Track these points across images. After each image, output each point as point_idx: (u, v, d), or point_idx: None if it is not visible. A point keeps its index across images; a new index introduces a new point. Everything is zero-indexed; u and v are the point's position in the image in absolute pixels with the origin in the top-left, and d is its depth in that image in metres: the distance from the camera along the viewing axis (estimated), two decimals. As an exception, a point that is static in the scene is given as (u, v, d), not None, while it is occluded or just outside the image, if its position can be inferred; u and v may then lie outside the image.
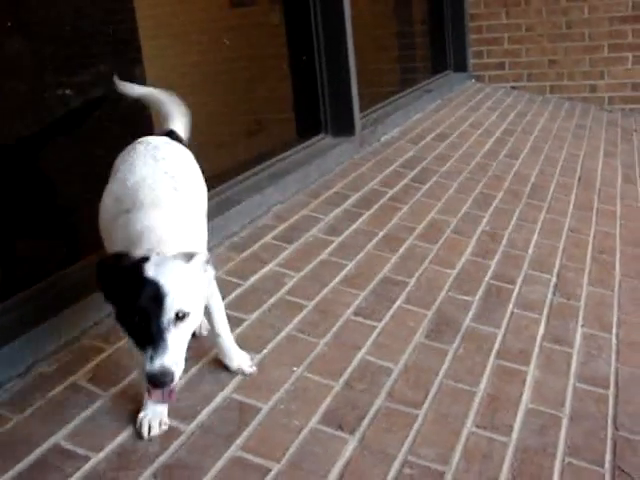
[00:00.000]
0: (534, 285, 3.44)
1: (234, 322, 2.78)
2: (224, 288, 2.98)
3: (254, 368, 2.53)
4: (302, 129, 4.92)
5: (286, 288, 3.09)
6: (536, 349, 2.91)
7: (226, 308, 2.83)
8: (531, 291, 3.38)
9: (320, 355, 2.68)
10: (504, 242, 3.88)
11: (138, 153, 2.35)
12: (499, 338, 2.95)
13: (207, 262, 1.94)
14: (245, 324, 2.80)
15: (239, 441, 2.21)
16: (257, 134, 5.24)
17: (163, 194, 2.16)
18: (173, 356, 1.78)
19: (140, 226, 2.01)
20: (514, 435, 2.40)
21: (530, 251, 3.82)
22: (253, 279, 3.13)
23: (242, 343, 2.67)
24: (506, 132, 6.05)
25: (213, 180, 3.81)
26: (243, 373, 2.50)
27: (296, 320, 2.87)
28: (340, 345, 2.76)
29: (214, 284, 2.31)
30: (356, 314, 2.97)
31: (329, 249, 3.49)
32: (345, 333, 2.84)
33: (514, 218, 4.23)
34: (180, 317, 1.79)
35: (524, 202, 4.51)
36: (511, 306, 3.21)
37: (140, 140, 2.46)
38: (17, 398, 2.32)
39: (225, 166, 4.14)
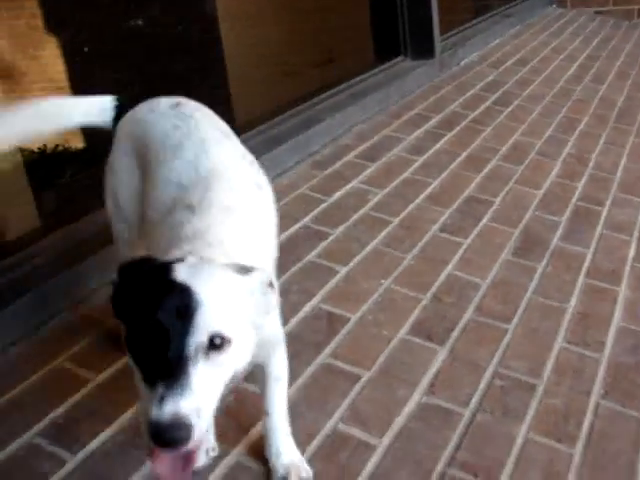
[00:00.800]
0: (624, 207, 3.34)
1: (320, 236, 2.79)
2: (308, 204, 2.99)
3: (310, 474, 1.78)
4: (381, 52, 4.82)
5: (370, 204, 3.07)
6: (627, 270, 2.83)
7: (311, 223, 2.84)
8: (621, 213, 3.28)
9: (407, 269, 2.67)
10: (591, 165, 3.76)
11: (201, 122, 1.77)
12: (588, 258, 2.88)
13: (270, 285, 1.31)
14: (331, 238, 2.80)
15: (329, 349, 2.22)
16: (337, 56, 5.17)
17: (245, 195, 1.62)
18: (195, 400, 1.14)
19: (193, 229, 1.47)
20: (606, 352, 2.35)
21: (618, 174, 3.69)
22: (337, 195, 3.11)
23: (328, 257, 2.67)
24: (590, 58, 5.83)
25: (296, 100, 3.81)
26: None
27: (382, 235, 2.86)
28: (427, 260, 2.73)
29: (279, 330, 1.65)
30: (442, 230, 2.94)
31: (412, 168, 3.45)
32: (431, 248, 2.81)
33: (601, 142, 4.09)
34: (216, 345, 1.17)
35: (611, 126, 4.36)
36: (600, 227, 3.13)
37: (179, 101, 1.86)
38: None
39: (307, 86, 4.10)
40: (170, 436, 1.11)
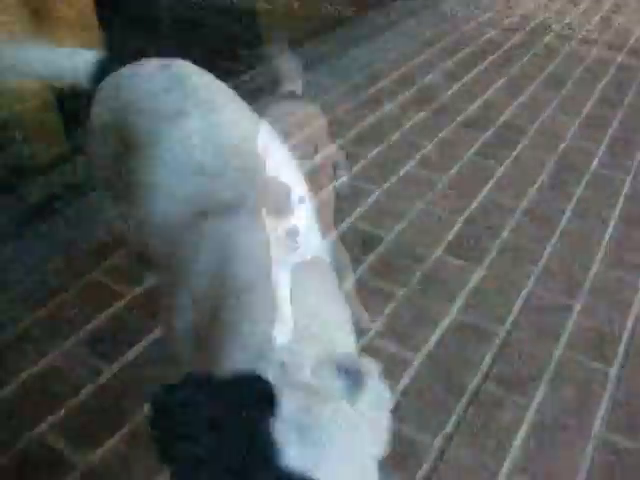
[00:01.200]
0: (664, 136, 3.26)
1: (355, 158, 2.76)
2: (344, 127, 2.95)
3: None
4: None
5: (405, 128, 3.03)
6: (668, 197, 2.78)
7: (347, 146, 2.82)
8: (660, 141, 3.21)
9: (442, 191, 2.63)
10: (630, 94, 3.66)
11: (202, 84, 1.31)
12: (627, 184, 2.82)
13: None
14: (366, 160, 2.77)
15: (363, 267, 2.21)
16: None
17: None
18: None
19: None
20: (644, 275, 2.32)
21: (659, 104, 3.60)
22: (372, 119, 3.07)
23: (363, 178, 2.65)
24: (613, 7, 5.65)
25: (332, 25, 3.75)
26: None
27: (417, 157, 2.82)
28: (462, 183, 2.70)
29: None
30: (477, 154, 2.89)
31: (447, 94, 3.39)
32: (467, 172, 2.77)
33: (637, 80, 3.98)
34: None
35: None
36: None
37: (170, 63, 1.38)
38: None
39: (342, 12, 4.04)
40: None
